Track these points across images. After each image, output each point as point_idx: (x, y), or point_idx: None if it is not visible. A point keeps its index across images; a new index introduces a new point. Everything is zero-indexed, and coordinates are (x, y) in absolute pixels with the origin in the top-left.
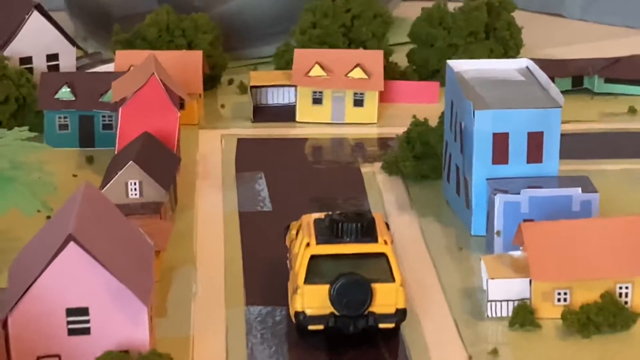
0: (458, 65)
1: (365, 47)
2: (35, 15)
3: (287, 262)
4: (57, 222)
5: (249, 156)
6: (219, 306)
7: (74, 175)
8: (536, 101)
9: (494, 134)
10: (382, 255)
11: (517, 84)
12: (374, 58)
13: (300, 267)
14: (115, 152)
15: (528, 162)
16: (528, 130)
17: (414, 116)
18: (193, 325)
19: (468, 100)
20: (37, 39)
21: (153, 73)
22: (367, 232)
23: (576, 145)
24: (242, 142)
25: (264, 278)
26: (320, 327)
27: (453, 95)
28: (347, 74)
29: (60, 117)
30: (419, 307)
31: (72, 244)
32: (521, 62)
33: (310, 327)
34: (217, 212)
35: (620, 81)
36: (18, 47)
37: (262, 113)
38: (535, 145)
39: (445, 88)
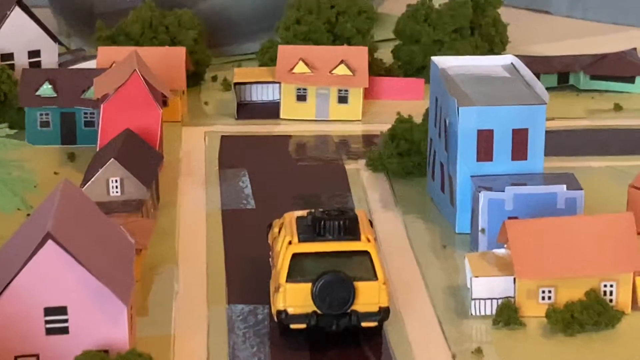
0: (442, 61)
1: (349, 44)
2: (17, 11)
3: (270, 260)
4: (36, 221)
5: (232, 153)
6: (201, 305)
7: (55, 173)
8: (521, 98)
9: (479, 131)
10: (365, 253)
11: (501, 81)
12: (359, 54)
13: (282, 265)
14: (97, 150)
15: (513, 159)
16: (513, 127)
17: (399, 113)
18: (174, 324)
19: (452, 97)
20: (19, 35)
21: (135, 70)
22: (350, 229)
23: (561, 142)
24: (225, 139)
25: (246, 276)
26: (303, 325)
27: (437, 92)
28: (331, 70)
29: (41, 114)
30: (402, 306)
31: (50, 243)
32: (506, 59)
33: (293, 326)
34: (199, 209)
35: (606, 78)
36: None
37: (246, 110)
38: (520, 142)
39: (430, 85)
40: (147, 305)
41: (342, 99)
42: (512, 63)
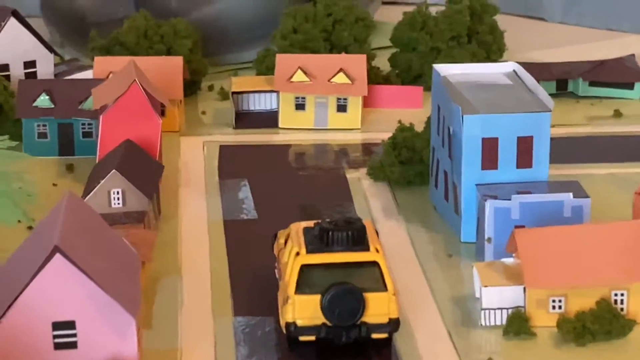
0: (444, 69)
1: (347, 52)
2: (12, 21)
3: (275, 271)
4: (41, 234)
5: (232, 163)
6: (207, 317)
7: (54, 185)
8: (525, 105)
9: (483, 139)
10: (374, 263)
11: (504, 88)
12: (357, 63)
13: (290, 277)
14: (97, 161)
15: (518, 167)
16: (517, 134)
17: (400, 121)
18: (181, 337)
19: (456, 105)
20: (14, 45)
21: (135, 80)
22: (358, 240)
23: (561, 150)
24: (224, 149)
25: (251, 288)
26: (312, 337)
27: (440, 100)
28: (330, 79)
29: (39, 125)
30: (410, 316)
31: (57, 256)
32: (508, 66)
33: (302, 338)
34: (201, 220)
35: (605, 84)
36: None
37: (244, 119)
38: (524, 150)
39: (432, 92)
40: (151, 318)
41: (341, 108)
42: (514, 70)
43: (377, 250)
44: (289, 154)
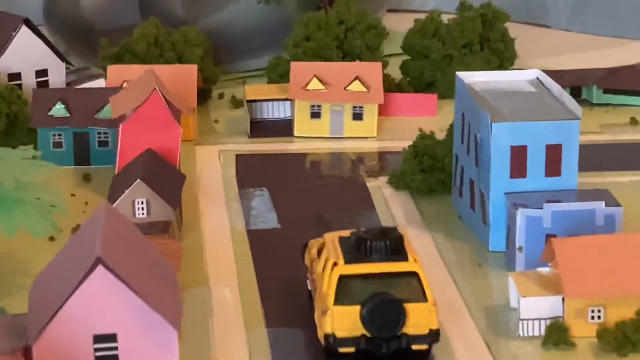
0: (468, 76)
1: (359, 60)
2: (24, 30)
3: (308, 282)
4: (79, 245)
5: (249, 172)
6: (239, 328)
7: (72, 195)
8: (554, 113)
9: (512, 147)
10: (413, 274)
11: (530, 96)
12: (373, 70)
13: (328, 288)
14: (116, 171)
15: (547, 175)
16: (546, 142)
17: (420, 129)
18: (214, 349)
19: (484, 113)
20: (26, 54)
21: (155, 88)
22: (397, 250)
23: (581, 158)
24: (241, 158)
25: (281, 298)
26: (352, 349)
27: (465, 107)
28: (345, 87)
29: (54, 135)
30: (446, 327)
31: (100, 268)
32: (531, 73)
33: (341, 350)
34: (224, 230)
35: (620, 92)
36: (6, 63)
37: (258, 128)
38: (553, 158)
39: (455, 100)
40: (181, 329)
41: (357, 116)
42: (537, 77)
43: (415, 260)
44: (306, 163)
